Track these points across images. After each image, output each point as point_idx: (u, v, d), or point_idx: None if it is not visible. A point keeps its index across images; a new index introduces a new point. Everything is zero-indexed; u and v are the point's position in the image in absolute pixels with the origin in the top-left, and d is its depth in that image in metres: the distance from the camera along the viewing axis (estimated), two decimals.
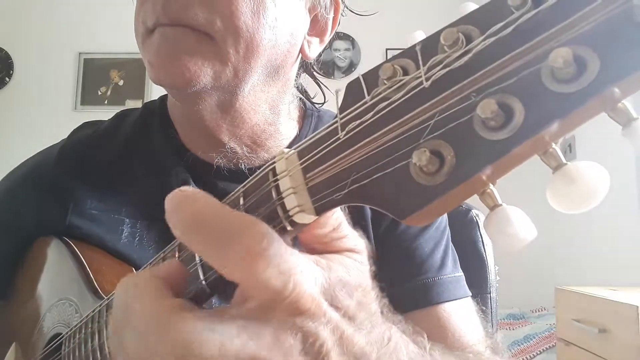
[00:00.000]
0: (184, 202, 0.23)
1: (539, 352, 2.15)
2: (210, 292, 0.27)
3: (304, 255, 0.24)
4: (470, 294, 0.56)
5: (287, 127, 0.58)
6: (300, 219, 0.24)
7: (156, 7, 0.45)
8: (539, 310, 2.50)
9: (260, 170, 0.26)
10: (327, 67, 2.83)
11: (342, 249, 0.27)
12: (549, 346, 2.15)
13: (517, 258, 2.07)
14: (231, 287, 0.24)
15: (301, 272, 0.22)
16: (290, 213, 0.24)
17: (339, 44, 2.93)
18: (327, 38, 0.58)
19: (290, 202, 0.24)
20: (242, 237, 0.22)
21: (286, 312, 0.22)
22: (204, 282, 0.27)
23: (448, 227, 0.60)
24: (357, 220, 0.55)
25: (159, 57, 0.46)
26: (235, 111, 0.52)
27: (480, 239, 0.75)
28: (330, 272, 0.24)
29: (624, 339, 1.38)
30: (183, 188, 0.24)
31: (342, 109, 0.23)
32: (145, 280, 0.24)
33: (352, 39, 2.93)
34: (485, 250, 0.75)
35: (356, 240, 0.28)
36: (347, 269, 0.25)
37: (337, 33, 0.65)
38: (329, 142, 0.23)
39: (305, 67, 0.64)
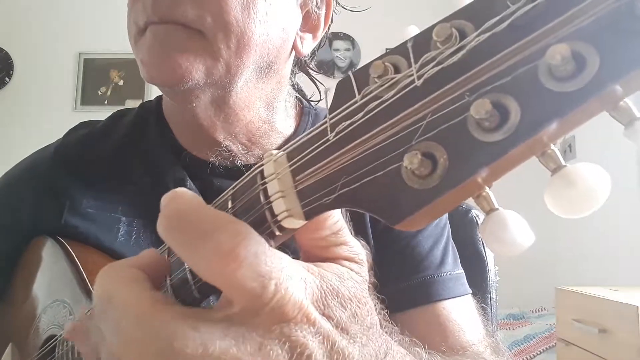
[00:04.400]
0: (169, 200, 0.23)
1: (539, 352, 2.15)
2: (200, 297, 0.26)
3: (296, 261, 0.23)
4: (471, 292, 0.56)
5: (283, 125, 0.58)
6: (289, 224, 0.23)
7: (146, 6, 0.45)
8: (539, 310, 2.49)
9: (249, 172, 0.25)
10: (327, 67, 2.82)
11: (340, 256, 0.26)
12: (549, 346, 2.14)
13: (517, 258, 2.06)
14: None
15: (287, 277, 0.21)
16: (279, 218, 0.23)
17: (339, 44, 2.92)
18: (320, 34, 0.58)
19: (278, 206, 0.23)
20: (214, 235, 0.21)
21: (271, 319, 0.21)
22: (193, 286, 0.26)
23: (448, 224, 0.59)
24: (355, 217, 0.55)
25: (150, 55, 0.46)
26: (229, 108, 0.52)
27: (480, 239, 0.75)
28: (322, 280, 0.23)
29: (624, 339, 1.37)
30: (176, 189, 0.23)
31: (332, 109, 0.22)
32: (125, 270, 0.24)
33: (352, 39, 2.92)
34: (485, 251, 0.75)
35: (357, 250, 0.27)
36: (341, 279, 0.24)
37: (337, 33, 0.65)
38: (318, 144, 0.22)
39: (301, 64, 0.63)
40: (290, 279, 0.22)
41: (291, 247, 0.26)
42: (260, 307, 0.21)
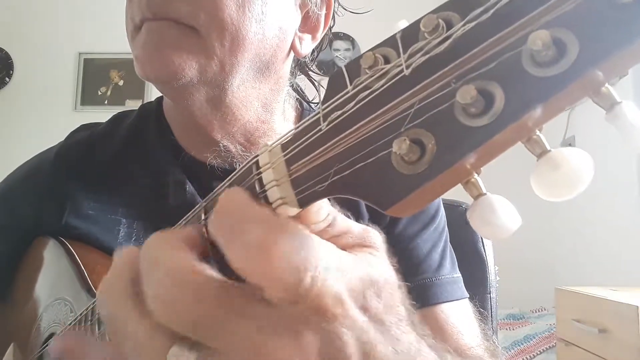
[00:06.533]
0: (225, 194, 0.23)
1: (539, 352, 2.15)
2: None
3: (332, 247, 0.23)
4: (468, 296, 0.56)
5: (282, 127, 0.58)
6: (284, 212, 0.24)
7: (141, 2, 0.46)
8: (539, 310, 2.49)
9: (245, 163, 0.26)
10: (327, 67, 2.83)
11: (347, 245, 0.25)
12: (549, 346, 2.14)
13: (517, 258, 2.06)
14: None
15: (325, 269, 0.21)
16: (273, 206, 0.23)
17: (339, 44, 2.92)
18: (320, 35, 0.58)
19: (273, 194, 0.23)
20: (254, 225, 0.21)
21: (309, 310, 0.21)
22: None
23: (447, 228, 0.60)
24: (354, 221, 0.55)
25: (144, 52, 0.46)
26: (226, 107, 0.52)
27: (480, 239, 0.75)
28: (358, 268, 0.23)
29: (624, 339, 1.37)
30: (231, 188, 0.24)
31: (325, 100, 0.23)
32: (172, 238, 0.24)
33: (352, 39, 2.92)
34: (485, 251, 0.75)
35: (366, 235, 0.26)
36: (371, 265, 0.24)
37: (337, 33, 0.65)
38: (311, 133, 0.22)
39: (301, 66, 0.63)
40: (328, 270, 0.21)
41: None
42: (296, 299, 0.21)
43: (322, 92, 0.68)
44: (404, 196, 0.19)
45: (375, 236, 0.26)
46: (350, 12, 0.65)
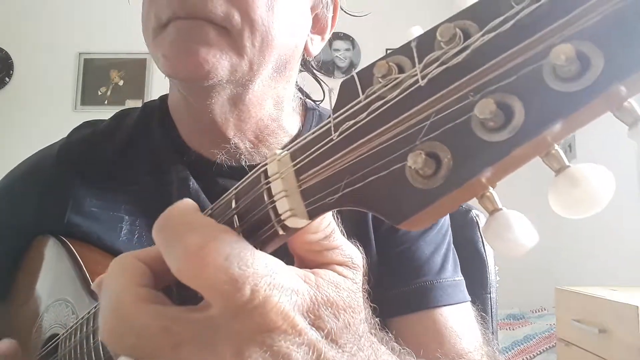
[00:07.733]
0: (169, 207, 0.24)
1: (539, 352, 2.15)
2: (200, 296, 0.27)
3: (292, 270, 0.24)
4: (470, 299, 0.56)
5: (289, 124, 0.58)
6: (293, 223, 0.23)
7: (172, 0, 0.45)
8: (539, 310, 2.49)
9: (252, 172, 0.25)
10: (327, 67, 2.82)
11: (334, 261, 0.26)
12: (549, 346, 2.14)
13: (517, 258, 2.06)
14: None
15: (270, 285, 0.22)
16: (282, 217, 0.23)
17: (339, 44, 2.92)
18: (328, 36, 0.60)
19: (282, 205, 0.23)
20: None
21: (253, 326, 0.21)
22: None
23: (450, 231, 0.59)
24: (358, 221, 0.55)
25: (174, 50, 0.45)
26: (244, 105, 0.52)
27: (481, 239, 0.75)
28: (318, 290, 0.24)
29: (624, 339, 1.37)
30: (182, 200, 0.24)
31: (335, 109, 0.22)
32: (126, 260, 0.25)
33: (352, 39, 2.92)
34: (485, 251, 0.75)
35: (350, 254, 0.27)
36: (338, 288, 0.24)
37: (337, 33, 0.66)
38: (322, 143, 0.22)
39: (305, 64, 0.64)
40: (276, 288, 0.22)
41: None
42: (236, 310, 0.21)
43: (324, 89, 0.69)
44: (418, 211, 0.18)
45: (357, 258, 0.27)
46: (353, 15, 0.67)
